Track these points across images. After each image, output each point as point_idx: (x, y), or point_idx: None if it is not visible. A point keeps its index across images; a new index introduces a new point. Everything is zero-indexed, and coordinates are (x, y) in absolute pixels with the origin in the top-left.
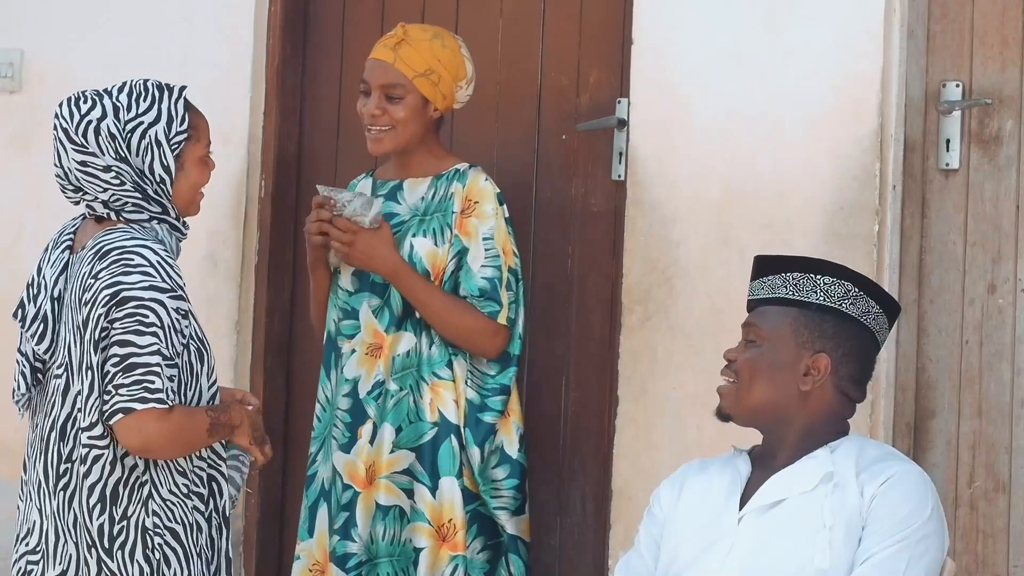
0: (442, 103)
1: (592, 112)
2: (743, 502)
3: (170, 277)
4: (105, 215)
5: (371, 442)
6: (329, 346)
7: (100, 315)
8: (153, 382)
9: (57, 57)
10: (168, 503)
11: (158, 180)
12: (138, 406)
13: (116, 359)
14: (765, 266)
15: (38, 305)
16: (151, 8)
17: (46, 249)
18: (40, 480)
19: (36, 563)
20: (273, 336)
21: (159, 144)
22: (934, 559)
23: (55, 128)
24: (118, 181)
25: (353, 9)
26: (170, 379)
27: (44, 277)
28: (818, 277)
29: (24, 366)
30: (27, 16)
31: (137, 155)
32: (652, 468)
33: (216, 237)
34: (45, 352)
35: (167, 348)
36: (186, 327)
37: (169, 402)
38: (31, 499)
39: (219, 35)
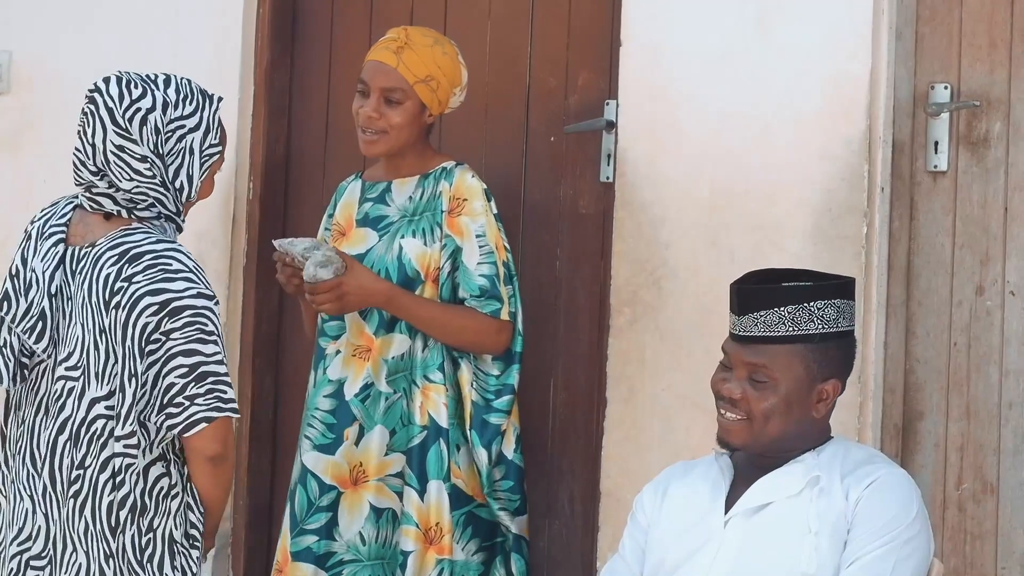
0: (437, 109)
1: (581, 114)
2: (728, 505)
3: (209, 284)
4: (116, 212)
5: (356, 444)
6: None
7: (147, 324)
8: (225, 392)
9: (46, 58)
10: (195, 516)
11: (178, 188)
12: (216, 415)
13: (184, 369)
14: (751, 300)
15: (30, 300)
16: (140, 10)
17: (28, 237)
18: (46, 484)
19: (42, 568)
20: (261, 337)
21: (191, 152)
22: (921, 561)
23: (95, 103)
24: (151, 173)
25: (341, 11)
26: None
27: (34, 270)
28: (811, 305)
29: (9, 358)
30: (15, 18)
31: (169, 155)
32: (640, 469)
33: (204, 238)
34: (44, 350)
35: (225, 357)
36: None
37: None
38: (21, 497)
39: (208, 37)
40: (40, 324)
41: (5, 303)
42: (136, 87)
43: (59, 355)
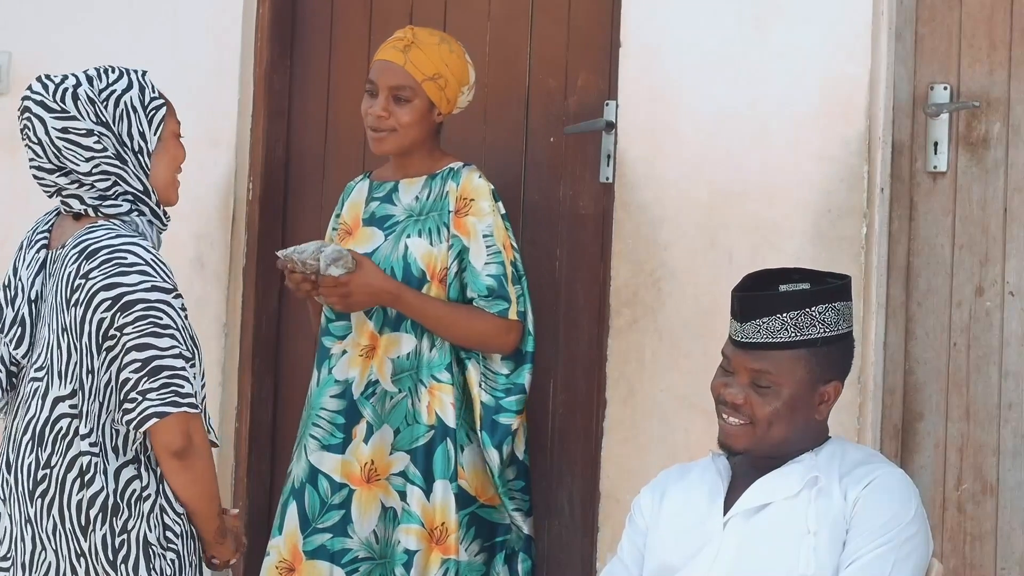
0: (446, 107)
1: (580, 115)
2: (727, 506)
3: (169, 276)
4: (83, 211)
5: (365, 442)
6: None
7: (103, 320)
8: (182, 386)
9: (45, 60)
10: (172, 517)
11: (136, 149)
12: (171, 410)
13: (137, 364)
14: (752, 307)
15: (16, 308)
16: (139, 11)
17: (20, 248)
18: (12, 486)
19: (7, 569)
20: (261, 338)
21: (135, 110)
22: (919, 561)
23: (28, 109)
24: (101, 146)
25: (341, 12)
26: (192, 382)
27: (20, 279)
28: (813, 310)
29: (0, 369)
30: (14, 19)
31: (114, 121)
32: (640, 470)
33: (204, 239)
34: (23, 356)
35: (186, 350)
36: (189, 326)
37: (199, 408)
38: None
39: (207, 37)
40: (20, 331)
41: None
42: (56, 77)
43: (32, 358)
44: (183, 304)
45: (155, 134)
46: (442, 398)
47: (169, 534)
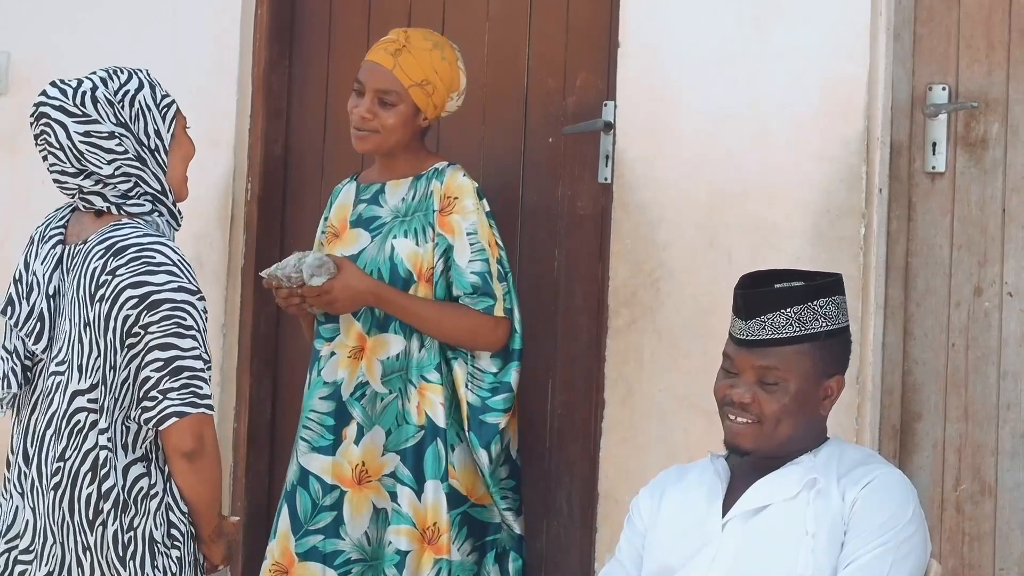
0: (432, 113)
1: (579, 115)
2: (725, 508)
3: (194, 278)
4: (105, 208)
5: (356, 443)
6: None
7: (128, 317)
8: (201, 388)
9: (44, 60)
10: (177, 516)
11: (153, 147)
12: (190, 410)
13: (159, 363)
14: (756, 304)
15: (32, 303)
16: (138, 11)
17: (31, 242)
18: (34, 479)
19: (29, 563)
20: (259, 338)
21: (148, 109)
22: (918, 561)
23: (45, 115)
24: (122, 148)
25: (340, 12)
26: (208, 384)
27: (35, 273)
28: (815, 304)
29: (15, 363)
30: (13, 19)
31: (132, 121)
32: (638, 470)
33: (202, 240)
34: (43, 351)
35: (205, 353)
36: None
37: (214, 410)
38: (11, 495)
39: (206, 38)
40: (39, 326)
41: (9, 308)
42: (70, 81)
43: (52, 352)
44: (205, 307)
45: (169, 131)
46: (431, 398)
47: (174, 532)
